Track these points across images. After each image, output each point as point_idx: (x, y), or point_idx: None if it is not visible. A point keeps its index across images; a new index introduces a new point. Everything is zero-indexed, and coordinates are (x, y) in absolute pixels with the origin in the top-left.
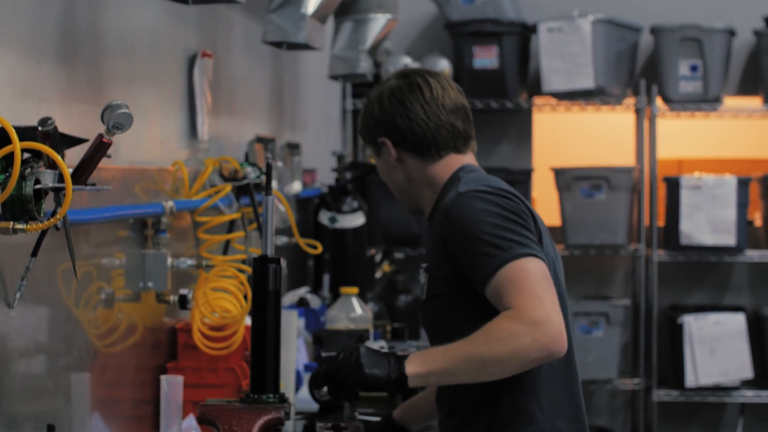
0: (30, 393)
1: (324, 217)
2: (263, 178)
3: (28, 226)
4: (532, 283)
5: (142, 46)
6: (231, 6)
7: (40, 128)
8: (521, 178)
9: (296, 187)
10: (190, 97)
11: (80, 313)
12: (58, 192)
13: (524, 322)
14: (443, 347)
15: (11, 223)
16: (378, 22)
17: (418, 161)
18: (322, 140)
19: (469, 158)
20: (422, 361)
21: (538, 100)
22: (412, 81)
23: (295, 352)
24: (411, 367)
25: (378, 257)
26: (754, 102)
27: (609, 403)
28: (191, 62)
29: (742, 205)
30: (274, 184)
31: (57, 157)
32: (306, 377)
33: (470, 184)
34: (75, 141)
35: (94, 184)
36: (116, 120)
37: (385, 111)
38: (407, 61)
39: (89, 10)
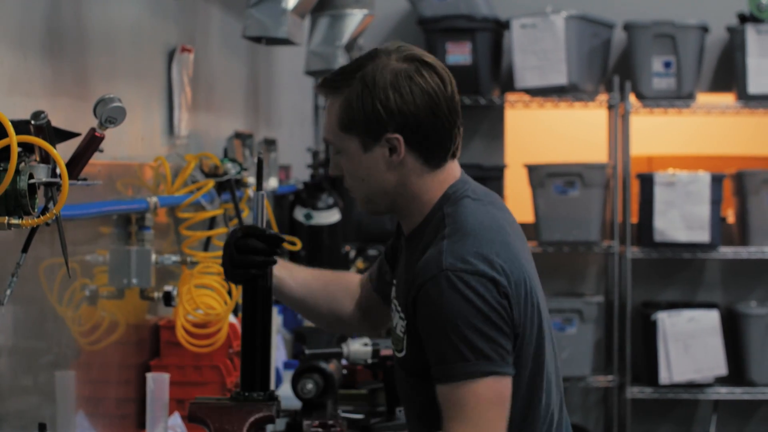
0: (14, 391)
1: (299, 213)
2: (244, 173)
3: (23, 221)
4: (479, 413)
5: (125, 42)
6: (209, 0)
7: (33, 122)
8: (494, 175)
9: (272, 183)
10: (169, 93)
11: (64, 311)
12: (51, 187)
13: None
14: None
15: (6, 218)
16: (355, 18)
17: (421, 166)
18: (295, 136)
19: (456, 166)
20: None
21: (510, 97)
22: (432, 68)
23: (275, 349)
24: None
25: (352, 254)
26: (727, 98)
27: (582, 400)
28: (171, 57)
29: (716, 201)
30: (252, 179)
31: (53, 152)
32: (285, 375)
33: (457, 248)
34: (67, 135)
35: (85, 179)
36: (109, 114)
37: (407, 103)
38: None
39: (74, 4)
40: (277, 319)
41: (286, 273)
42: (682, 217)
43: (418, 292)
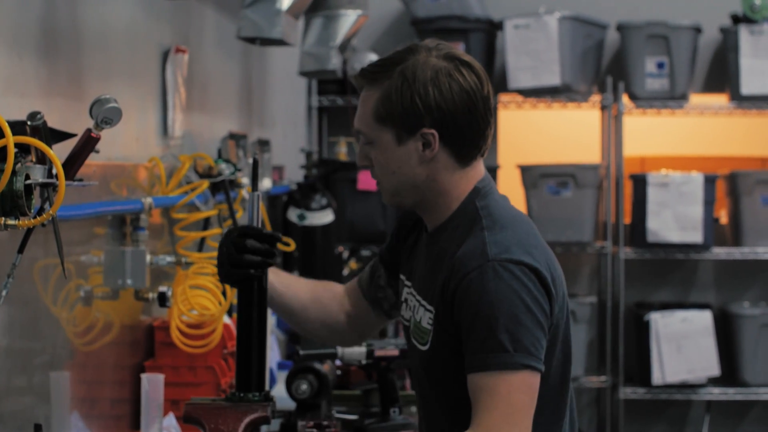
0: (9, 392)
1: (293, 214)
2: (238, 174)
3: (20, 222)
4: (510, 404)
5: (119, 42)
6: (203, 1)
7: (29, 123)
8: None
9: (266, 184)
10: (164, 93)
11: (59, 311)
12: (47, 187)
13: None
14: None
15: (2, 219)
16: (349, 18)
17: (453, 163)
18: (289, 137)
19: (482, 164)
20: None
21: (504, 97)
22: (470, 67)
23: (269, 350)
24: None
25: (345, 254)
26: (720, 99)
27: (575, 400)
28: (165, 58)
29: (709, 202)
30: (246, 180)
31: (50, 153)
32: (279, 375)
33: (500, 239)
34: (64, 136)
35: (81, 180)
36: (105, 114)
37: (446, 99)
38: (373, 58)
39: (69, 4)
40: (271, 319)
41: (275, 278)
42: (675, 217)
43: (460, 282)
